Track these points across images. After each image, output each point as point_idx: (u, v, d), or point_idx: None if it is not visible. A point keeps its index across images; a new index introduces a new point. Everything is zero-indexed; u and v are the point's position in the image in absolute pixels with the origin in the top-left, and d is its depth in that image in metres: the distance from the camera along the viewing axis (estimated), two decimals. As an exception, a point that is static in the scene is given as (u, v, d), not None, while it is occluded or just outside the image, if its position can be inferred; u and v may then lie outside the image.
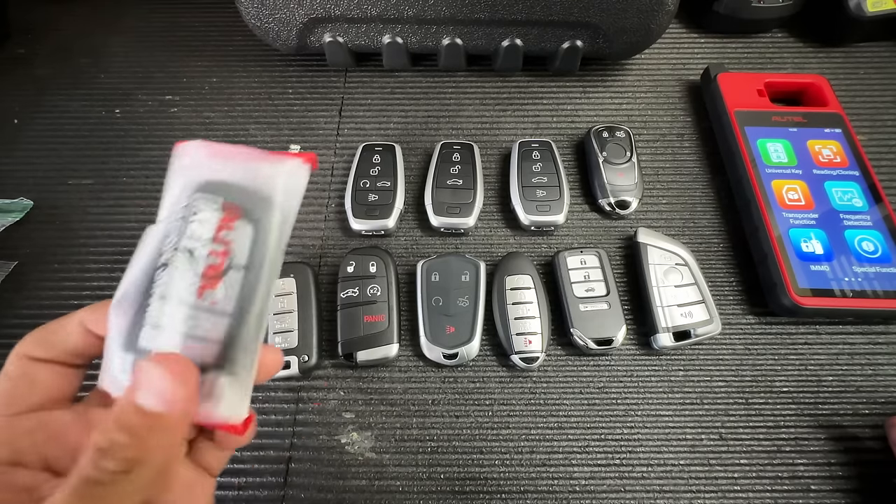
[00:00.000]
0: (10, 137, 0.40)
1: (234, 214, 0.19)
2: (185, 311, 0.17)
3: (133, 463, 0.15)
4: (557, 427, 0.30)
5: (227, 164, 0.19)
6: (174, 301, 0.17)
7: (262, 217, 0.19)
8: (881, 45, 0.44)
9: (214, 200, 0.19)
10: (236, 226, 0.19)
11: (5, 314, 0.33)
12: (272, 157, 0.20)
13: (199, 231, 0.18)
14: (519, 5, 0.37)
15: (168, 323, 0.17)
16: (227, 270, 0.18)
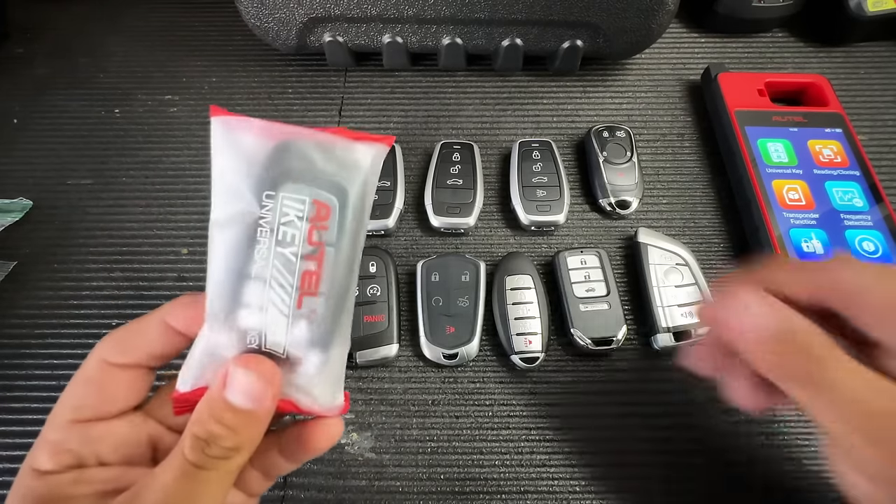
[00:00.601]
0: (9, 137, 0.40)
1: (326, 212, 0.18)
2: (284, 321, 0.18)
3: (232, 451, 0.17)
4: (558, 427, 0.30)
5: (300, 146, 0.17)
6: (273, 312, 0.18)
7: (347, 210, 0.18)
8: (882, 44, 0.44)
9: (302, 200, 0.17)
10: (328, 224, 0.18)
11: (5, 314, 0.33)
12: (352, 139, 0.18)
13: (291, 235, 0.17)
14: (519, 5, 0.37)
15: (271, 333, 0.18)
16: (320, 279, 0.18)
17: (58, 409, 0.18)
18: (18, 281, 0.34)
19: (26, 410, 0.30)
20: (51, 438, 0.18)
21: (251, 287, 0.17)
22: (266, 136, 0.17)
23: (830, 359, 0.18)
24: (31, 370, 0.31)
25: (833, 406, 0.18)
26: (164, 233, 0.36)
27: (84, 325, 0.33)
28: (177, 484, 0.16)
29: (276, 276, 0.17)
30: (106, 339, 0.19)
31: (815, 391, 0.18)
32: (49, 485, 0.17)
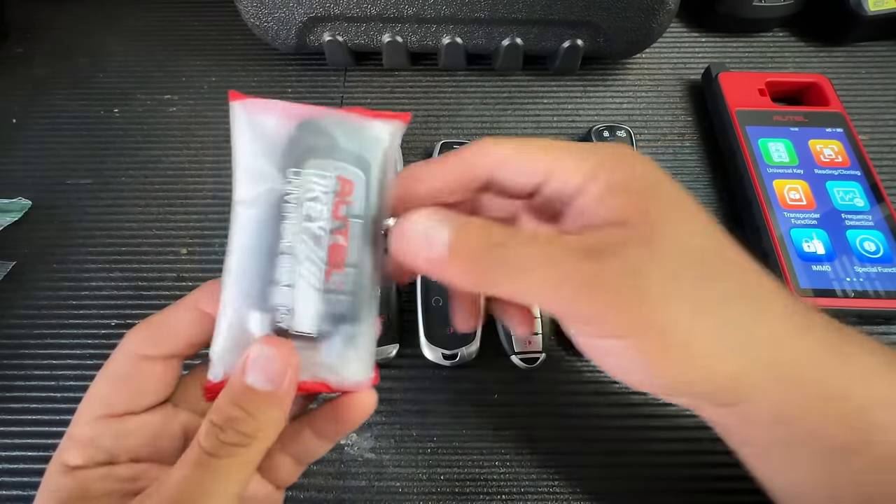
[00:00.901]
0: (8, 137, 0.40)
1: (350, 188, 0.18)
2: (315, 295, 0.18)
3: (248, 437, 0.16)
4: (558, 427, 0.30)
5: (322, 124, 0.18)
6: (304, 287, 0.17)
7: (371, 183, 0.18)
8: (883, 44, 0.44)
9: (327, 175, 0.18)
10: (353, 199, 0.18)
11: (4, 314, 0.33)
12: (372, 116, 0.18)
13: (318, 210, 0.17)
14: (519, 4, 0.37)
15: (302, 309, 0.17)
16: (347, 252, 0.18)
17: (86, 403, 0.18)
18: (17, 281, 0.34)
19: (25, 411, 0.30)
20: (80, 434, 0.17)
21: (281, 263, 0.17)
22: (287, 116, 0.18)
23: (513, 238, 0.17)
24: (29, 370, 0.31)
25: (542, 283, 0.17)
26: (164, 233, 0.36)
27: (83, 325, 0.32)
28: (190, 475, 0.15)
29: (305, 251, 0.17)
30: (136, 331, 0.18)
31: (518, 279, 0.17)
32: (77, 480, 0.17)
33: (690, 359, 0.17)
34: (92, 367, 0.31)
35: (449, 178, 0.20)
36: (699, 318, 0.17)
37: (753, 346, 0.17)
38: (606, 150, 0.19)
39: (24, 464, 0.29)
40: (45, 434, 0.29)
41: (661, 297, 0.17)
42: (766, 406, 0.18)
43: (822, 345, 0.18)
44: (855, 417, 0.17)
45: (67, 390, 0.30)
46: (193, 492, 0.15)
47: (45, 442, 0.29)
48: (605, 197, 0.18)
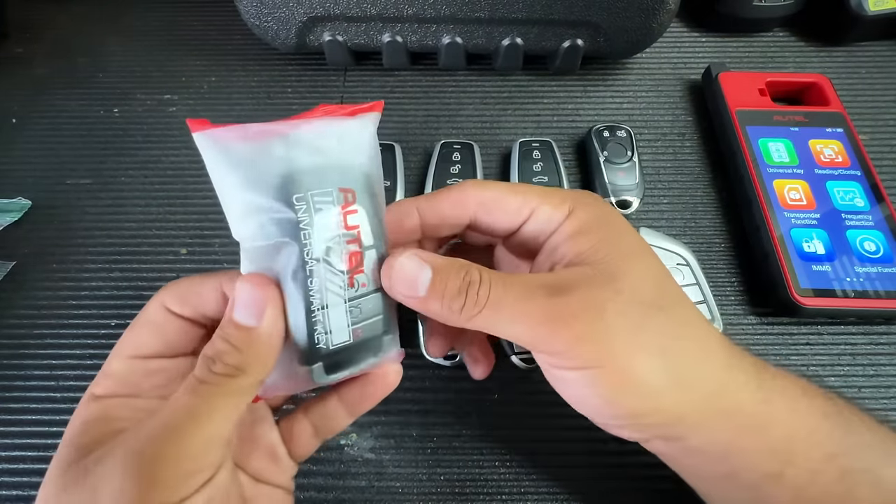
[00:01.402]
0: (8, 137, 0.40)
1: (353, 197, 0.19)
2: (344, 306, 0.19)
3: (236, 369, 0.17)
4: (559, 427, 0.30)
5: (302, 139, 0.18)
6: (333, 304, 0.19)
7: (368, 184, 0.19)
8: (883, 44, 0.44)
9: (329, 192, 0.18)
10: (357, 207, 0.19)
11: (4, 314, 0.33)
12: (345, 115, 0.19)
13: (330, 228, 0.18)
14: (519, 4, 0.37)
15: (335, 325, 0.19)
16: (364, 252, 0.19)
17: (120, 346, 0.20)
18: (17, 281, 0.34)
19: (25, 411, 0.30)
20: (111, 369, 0.19)
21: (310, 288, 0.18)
22: (257, 138, 0.17)
23: (486, 277, 0.19)
24: (29, 370, 0.31)
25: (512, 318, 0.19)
26: (164, 233, 0.36)
27: (83, 325, 0.32)
28: (183, 400, 0.17)
29: (329, 271, 0.18)
30: (168, 289, 0.20)
31: (490, 314, 0.19)
32: (101, 406, 0.19)
33: (644, 394, 0.19)
34: (92, 367, 0.31)
35: (435, 218, 0.22)
36: (652, 356, 0.19)
37: (697, 384, 0.19)
38: (576, 196, 0.22)
39: (24, 464, 0.28)
40: (45, 434, 0.29)
41: (620, 334, 0.18)
42: (707, 440, 0.20)
43: (751, 382, 0.20)
44: (780, 448, 0.19)
45: (67, 390, 0.30)
46: (186, 413, 0.17)
47: (45, 442, 0.29)
48: (575, 236, 0.20)
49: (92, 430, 0.18)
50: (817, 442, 0.19)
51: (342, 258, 0.18)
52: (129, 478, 0.15)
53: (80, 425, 0.18)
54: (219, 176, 0.18)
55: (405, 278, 0.19)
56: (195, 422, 0.16)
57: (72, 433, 0.18)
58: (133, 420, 0.18)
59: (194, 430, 0.16)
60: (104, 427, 0.18)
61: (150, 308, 0.20)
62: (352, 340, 0.19)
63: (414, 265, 0.19)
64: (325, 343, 0.19)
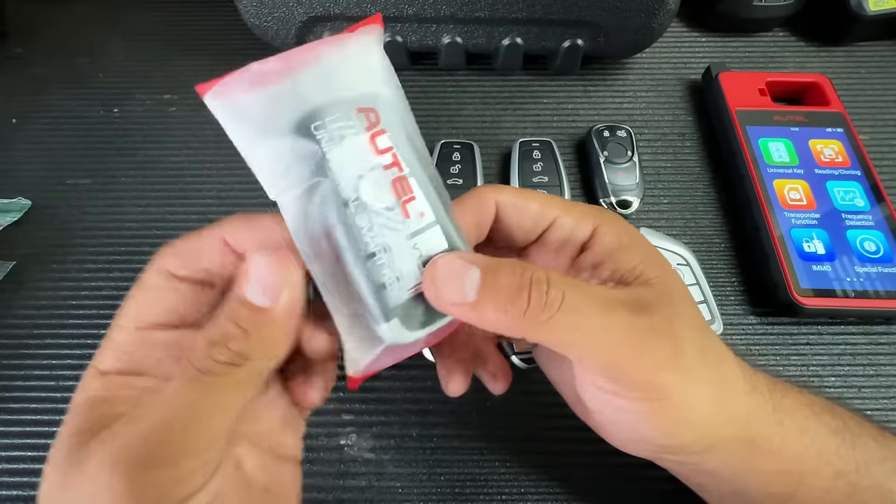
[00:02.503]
0: (7, 137, 0.40)
1: (375, 117, 0.16)
2: (408, 244, 0.16)
3: (242, 357, 0.15)
4: (558, 427, 0.30)
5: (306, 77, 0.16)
6: (395, 244, 0.16)
7: (389, 98, 0.17)
8: (883, 44, 0.44)
9: (348, 116, 0.16)
10: (384, 127, 0.16)
11: (4, 314, 0.33)
12: (341, 36, 0.17)
13: (361, 155, 0.16)
14: (519, 4, 0.37)
15: (405, 268, 0.16)
16: (408, 177, 0.17)
17: (119, 315, 0.18)
18: (17, 281, 0.34)
19: (25, 411, 0.30)
20: (115, 340, 0.18)
21: (362, 231, 0.16)
22: (264, 85, 0.16)
23: (557, 280, 0.17)
24: (29, 370, 0.31)
25: (593, 330, 0.17)
26: (163, 233, 0.36)
27: (83, 325, 0.32)
28: (180, 392, 0.15)
29: (376, 203, 0.16)
30: (166, 251, 0.18)
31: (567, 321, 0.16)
32: (104, 384, 0.17)
33: (699, 426, 0.18)
34: None
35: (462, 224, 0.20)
36: (708, 386, 0.18)
37: (732, 413, 0.19)
38: (597, 211, 0.20)
39: (24, 464, 0.28)
40: (45, 434, 0.29)
41: (692, 364, 0.17)
42: (723, 463, 0.19)
43: (767, 405, 0.20)
44: (792, 470, 0.19)
45: (67, 390, 0.30)
46: (185, 407, 0.15)
47: (45, 442, 0.29)
48: (618, 252, 0.19)
49: (93, 411, 0.16)
50: (826, 461, 0.19)
51: (386, 188, 0.16)
52: (121, 475, 0.14)
53: (83, 402, 0.17)
54: (238, 134, 0.16)
55: (450, 281, 0.16)
56: (197, 418, 0.15)
57: (76, 410, 0.17)
58: (134, 401, 0.17)
59: (196, 426, 0.15)
60: (106, 409, 0.16)
61: (148, 274, 0.18)
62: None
63: (458, 264, 0.16)
64: (399, 289, 0.16)
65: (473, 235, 0.20)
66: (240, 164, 0.17)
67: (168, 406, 0.15)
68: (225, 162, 0.38)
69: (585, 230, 0.20)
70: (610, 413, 0.19)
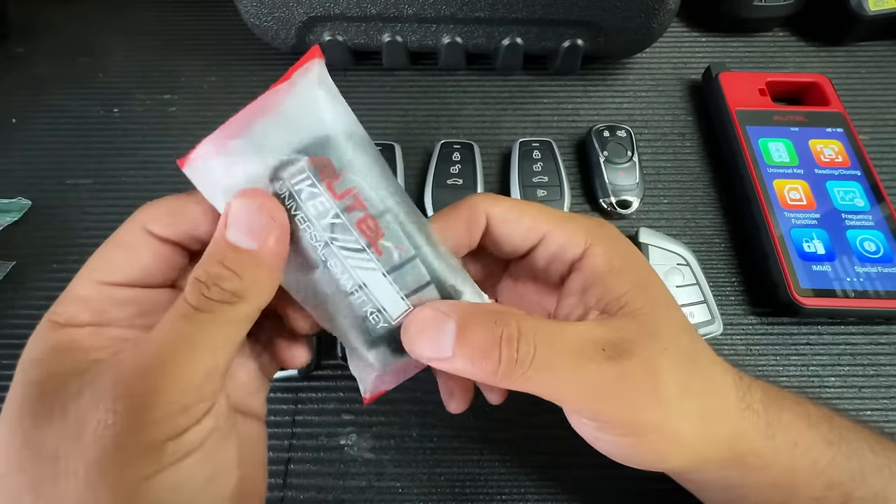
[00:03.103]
0: (7, 137, 0.40)
1: (329, 165, 0.17)
2: (386, 279, 0.17)
3: (234, 296, 0.15)
4: (558, 427, 0.30)
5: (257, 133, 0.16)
6: (370, 281, 0.17)
7: (339, 141, 0.17)
8: (883, 44, 0.44)
9: (301, 168, 0.16)
10: (338, 172, 0.17)
11: (4, 314, 0.33)
12: (282, 82, 0.17)
13: (320, 205, 0.16)
14: (519, 4, 0.37)
15: (385, 300, 0.17)
16: (376, 216, 0.17)
17: (86, 269, 0.17)
18: (17, 281, 0.34)
19: (25, 411, 0.30)
20: (77, 293, 0.17)
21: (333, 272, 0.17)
22: (220, 148, 0.17)
23: (528, 331, 0.17)
24: (29, 370, 0.31)
25: (565, 386, 0.17)
26: (164, 232, 0.36)
27: (83, 325, 0.32)
28: (175, 327, 0.15)
29: (346, 245, 0.17)
30: (149, 208, 0.18)
31: (537, 378, 0.17)
32: (68, 335, 0.16)
33: (686, 453, 0.19)
34: None
35: (452, 233, 0.20)
36: (694, 417, 0.18)
37: (721, 434, 0.19)
38: (591, 226, 0.20)
39: (24, 464, 0.28)
40: (45, 434, 0.29)
41: (673, 401, 0.18)
42: (714, 477, 0.21)
43: (760, 421, 0.20)
44: (782, 482, 0.20)
45: (67, 390, 0.30)
46: (178, 342, 0.15)
47: (45, 442, 0.29)
48: (607, 277, 0.19)
49: (61, 359, 0.16)
50: (820, 472, 0.20)
51: (352, 230, 0.17)
52: (121, 411, 0.14)
53: (42, 353, 0.16)
54: (212, 196, 0.17)
55: (425, 336, 0.17)
56: (193, 352, 0.15)
57: (31, 362, 0.16)
58: (110, 350, 0.16)
59: (192, 361, 0.15)
60: (77, 356, 0.16)
61: (127, 228, 0.18)
62: (413, 308, 0.17)
63: (434, 319, 0.17)
64: (383, 321, 0.17)
65: (464, 244, 0.20)
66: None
67: (163, 339, 0.15)
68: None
69: (576, 249, 0.19)
70: (596, 441, 0.20)
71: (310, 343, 0.22)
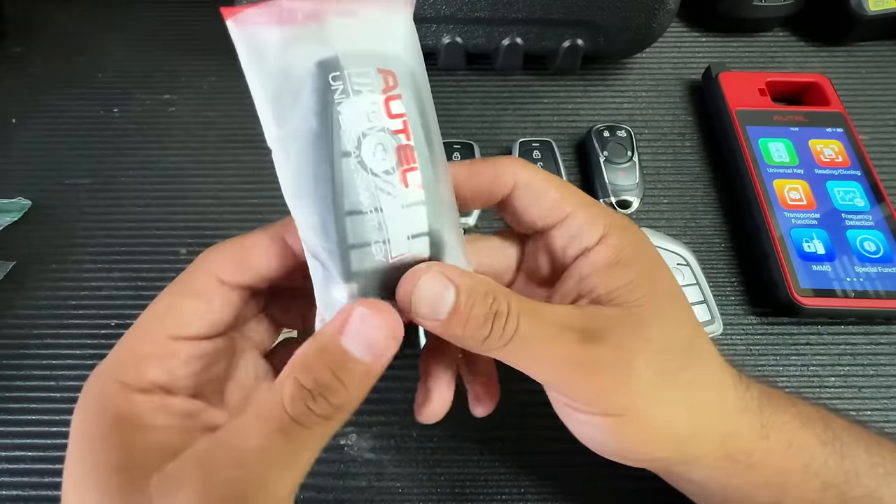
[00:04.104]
0: (7, 137, 0.40)
1: (394, 81, 0.16)
2: (401, 211, 0.16)
3: (336, 410, 0.14)
4: (558, 427, 0.30)
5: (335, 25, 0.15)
6: (387, 206, 0.16)
7: (406, 74, 0.16)
8: (883, 44, 0.44)
9: (367, 72, 0.16)
10: (400, 92, 0.16)
11: (4, 314, 0.33)
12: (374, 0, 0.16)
13: (373, 114, 0.16)
14: (519, 4, 0.37)
15: (394, 233, 0.16)
16: (414, 148, 0.16)
17: (152, 321, 0.16)
18: (16, 281, 0.34)
19: (25, 411, 0.30)
20: (145, 351, 0.16)
21: (356, 185, 0.15)
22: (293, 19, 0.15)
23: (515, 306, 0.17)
24: (29, 370, 0.31)
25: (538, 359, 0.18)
26: (163, 233, 0.36)
27: (82, 325, 0.32)
28: (270, 442, 0.14)
29: (376, 164, 0.16)
30: (219, 253, 0.17)
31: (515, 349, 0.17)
32: (132, 403, 0.15)
33: (664, 442, 0.19)
34: (91, 367, 0.30)
35: (469, 191, 0.20)
36: (676, 407, 0.18)
37: (714, 431, 0.19)
38: (611, 215, 0.20)
39: (24, 464, 0.28)
40: (45, 434, 0.29)
41: (646, 387, 0.18)
42: (707, 476, 0.20)
43: (755, 422, 0.20)
44: (774, 482, 0.20)
45: (67, 390, 0.30)
46: (276, 461, 0.14)
47: (45, 442, 0.29)
48: (610, 269, 0.19)
49: (138, 439, 0.15)
50: (814, 472, 0.20)
51: (390, 151, 0.16)
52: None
53: (114, 423, 0.15)
54: (251, 67, 0.16)
55: (426, 297, 0.16)
56: (286, 471, 0.14)
57: (107, 432, 0.15)
58: (173, 430, 0.15)
59: (283, 480, 0.14)
60: (151, 438, 0.15)
61: (199, 279, 0.17)
62: (410, 253, 0.17)
63: (438, 285, 0.16)
64: (381, 255, 0.16)
65: (483, 197, 0.20)
66: (240, 164, 0.17)
67: (256, 457, 0.14)
68: (225, 162, 0.38)
69: (594, 235, 0.19)
70: (574, 424, 0.20)
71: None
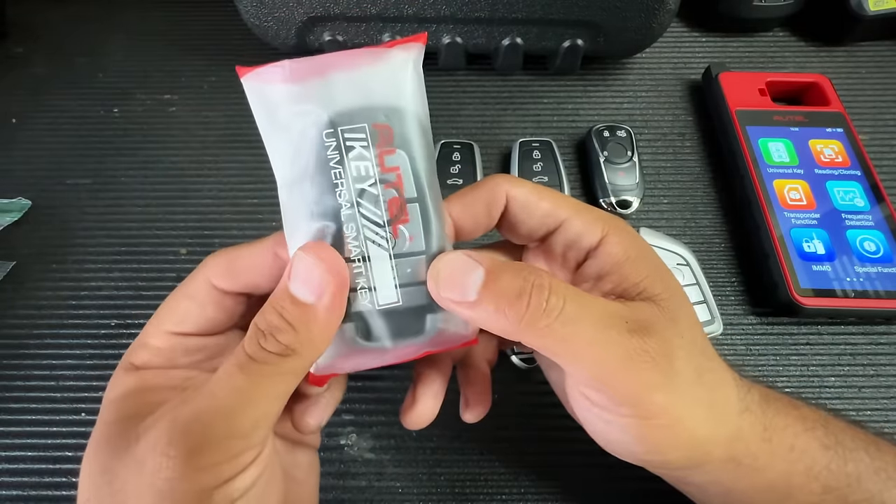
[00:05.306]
0: (7, 137, 0.40)
1: (389, 136, 0.17)
2: (390, 262, 0.17)
3: (288, 349, 0.16)
4: (558, 427, 0.30)
5: (336, 81, 0.16)
6: (376, 256, 0.17)
7: (406, 120, 0.17)
8: (883, 44, 0.44)
9: (362, 128, 0.17)
10: (395, 147, 0.17)
11: (4, 314, 0.33)
12: (384, 48, 0.17)
13: (364, 169, 0.17)
14: (519, 4, 0.37)
15: (380, 281, 0.17)
16: (406, 201, 0.17)
17: (157, 318, 0.19)
18: (17, 281, 0.34)
19: (24, 411, 0.30)
20: (150, 343, 0.19)
21: (346, 233, 0.17)
22: (293, 80, 0.17)
23: (559, 288, 0.17)
24: (29, 370, 0.31)
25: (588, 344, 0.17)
26: (163, 233, 0.36)
27: (82, 325, 0.32)
28: (231, 377, 0.16)
29: (366, 216, 0.17)
30: (214, 261, 0.19)
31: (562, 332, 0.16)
32: (141, 377, 0.18)
33: (690, 446, 0.18)
34: (91, 367, 0.31)
35: (469, 222, 0.20)
36: (699, 406, 0.18)
37: (723, 433, 0.19)
38: (608, 217, 0.20)
39: (24, 464, 0.28)
40: (45, 434, 0.29)
41: (685, 386, 0.18)
42: (709, 479, 0.20)
43: (757, 424, 0.20)
44: (778, 486, 0.20)
45: (67, 390, 0.30)
46: (236, 394, 0.16)
47: (45, 442, 0.29)
48: (625, 264, 0.19)
49: (134, 399, 0.18)
50: (815, 475, 0.20)
51: (381, 204, 0.17)
52: (174, 456, 0.15)
53: (120, 394, 0.18)
54: (263, 120, 0.17)
55: (452, 280, 0.17)
56: (246, 403, 0.16)
57: (113, 401, 0.18)
58: (171, 389, 0.18)
59: (244, 411, 0.16)
60: (145, 397, 0.17)
61: (194, 283, 0.19)
62: (402, 303, 0.17)
63: (463, 264, 0.17)
64: (368, 301, 0.17)
65: (483, 225, 0.21)
66: (240, 164, 0.17)
67: (219, 390, 0.16)
68: (225, 162, 0.38)
69: (593, 237, 0.19)
70: (597, 424, 0.19)
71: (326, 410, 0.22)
